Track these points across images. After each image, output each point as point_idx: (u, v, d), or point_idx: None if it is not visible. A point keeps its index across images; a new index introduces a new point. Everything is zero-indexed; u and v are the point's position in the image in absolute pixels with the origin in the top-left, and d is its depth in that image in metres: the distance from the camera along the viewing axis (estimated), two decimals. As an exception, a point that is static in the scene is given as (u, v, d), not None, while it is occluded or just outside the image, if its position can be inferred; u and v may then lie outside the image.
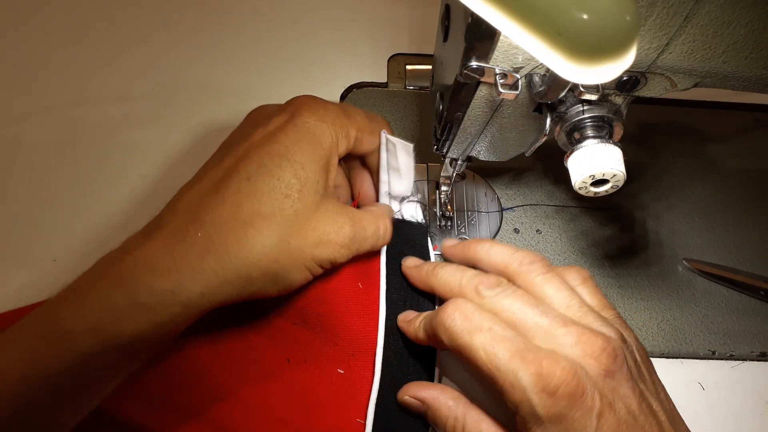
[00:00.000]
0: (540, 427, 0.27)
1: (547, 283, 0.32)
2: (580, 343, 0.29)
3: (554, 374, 0.27)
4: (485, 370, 0.29)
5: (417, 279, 0.37)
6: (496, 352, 0.29)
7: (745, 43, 0.27)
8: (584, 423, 0.27)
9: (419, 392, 0.34)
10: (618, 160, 0.30)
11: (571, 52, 0.18)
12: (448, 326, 0.31)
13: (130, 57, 0.52)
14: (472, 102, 0.32)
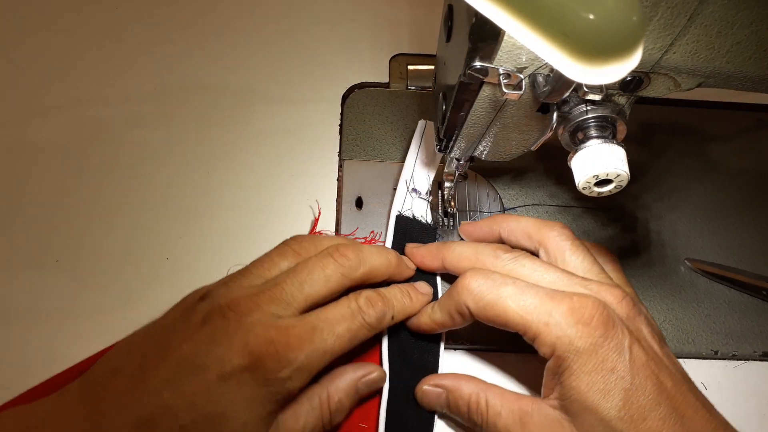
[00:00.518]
0: (578, 360, 0.29)
1: (574, 250, 0.34)
2: (602, 291, 0.31)
3: (586, 306, 0.29)
4: (517, 320, 0.30)
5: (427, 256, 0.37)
6: (525, 299, 0.30)
7: (749, 43, 0.27)
8: (618, 353, 0.29)
9: (438, 380, 0.34)
10: (622, 160, 0.30)
11: (577, 52, 0.18)
12: (473, 288, 0.31)
13: (132, 58, 0.52)
14: (476, 102, 0.32)
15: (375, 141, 0.48)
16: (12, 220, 0.43)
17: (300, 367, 0.29)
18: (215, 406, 0.28)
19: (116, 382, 0.29)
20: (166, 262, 0.42)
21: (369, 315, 0.32)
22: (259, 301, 0.30)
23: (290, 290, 0.31)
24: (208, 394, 0.28)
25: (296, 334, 0.29)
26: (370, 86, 0.52)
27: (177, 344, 0.29)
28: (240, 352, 0.28)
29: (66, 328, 0.39)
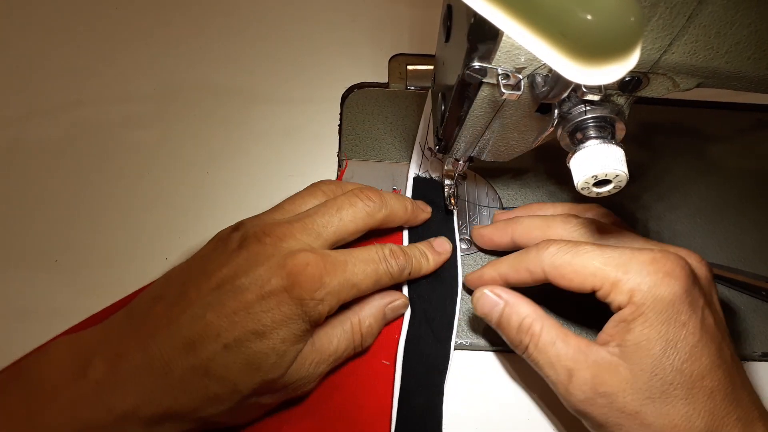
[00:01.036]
0: (655, 308, 0.29)
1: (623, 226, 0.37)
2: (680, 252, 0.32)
3: (668, 258, 0.30)
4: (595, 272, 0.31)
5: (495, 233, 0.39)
6: (604, 252, 0.31)
7: (748, 43, 0.27)
8: (693, 310, 0.30)
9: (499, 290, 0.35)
10: (621, 161, 0.30)
11: (575, 53, 0.18)
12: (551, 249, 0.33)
13: (131, 58, 0.52)
14: (474, 102, 0.32)
15: (374, 141, 0.48)
16: (11, 220, 0.43)
17: (332, 291, 0.31)
18: (256, 324, 0.29)
19: (159, 309, 0.30)
20: (166, 263, 0.42)
21: (392, 264, 0.35)
22: (293, 229, 0.32)
23: (321, 222, 0.33)
24: (248, 313, 0.29)
25: (331, 261, 0.31)
26: (370, 86, 0.52)
27: (216, 269, 0.31)
28: (278, 272, 0.30)
29: (62, 327, 0.38)
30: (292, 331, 0.30)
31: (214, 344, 0.29)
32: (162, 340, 0.29)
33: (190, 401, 0.29)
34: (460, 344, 0.39)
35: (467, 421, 0.37)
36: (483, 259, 0.43)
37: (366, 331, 0.35)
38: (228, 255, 0.31)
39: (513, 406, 0.38)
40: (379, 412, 0.35)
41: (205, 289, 0.30)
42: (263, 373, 0.30)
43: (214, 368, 0.29)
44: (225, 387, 0.29)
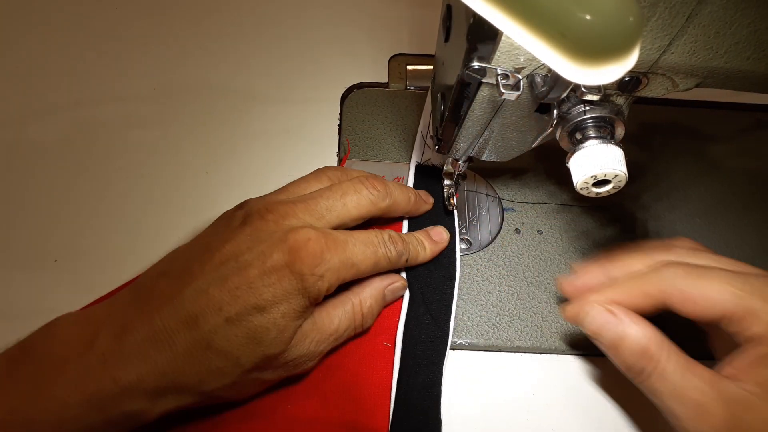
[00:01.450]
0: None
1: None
2: None
3: None
4: (727, 299, 0.29)
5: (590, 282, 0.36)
6: (737, 279, 0.29)
7: (747, 43, 0.27)
8: None
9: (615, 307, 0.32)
10: (620, 161, 0.30)
11: (574, 53, 0.18)
12: (677, 274, 0.31)
13: (131, 58, 0.52)
14: (474, 102, 0.32)
15: (374, 141, 0.48)
16: (11, 220, 0.43)
17: (332, 268, 0.31)
18: (257, 298, 0.29)
19: (163, 284, 0.31)
20: (165, 262, 0.42)
21: (390, 249, 0.35)
22: (296, 209, 0.33)
23: (324, 205, 0.34)
24: (250, 288, 0.30)
25: (332, 239, 0.32)
26: (369, 86, 0.52)
27: (219, 245, 0.31)
28: (280, 248, 0.30)
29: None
30: (292, 307, 0.30)
31: (216, 318, 0.29)
32: (166, 314, 0.29)
33: (193, 374, 0.29)
34: (460, 344, 0.39)
35: (466, 421, 0.37)
36: (482, 259, 0.43)
37: (367, 312, 0.35)
38: (231, 231, 0.32)
39: (512, 406, 0.38)
40: (380, 390, 0.36)
41: (209, 265, 0.31)
42: (264, 348, 0.30)
43: (217, 342, 0.29)
44: (227, 361, 0.29)
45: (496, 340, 0.40)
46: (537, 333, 0.40)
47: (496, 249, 0.44)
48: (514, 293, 0.42)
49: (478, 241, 0.44)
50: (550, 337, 0.40)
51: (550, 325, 0.40)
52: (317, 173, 0.38)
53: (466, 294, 0.41)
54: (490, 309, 0.41)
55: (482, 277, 0.42)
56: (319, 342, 0.33)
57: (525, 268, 0.43)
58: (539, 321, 0.41)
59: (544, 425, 0.37)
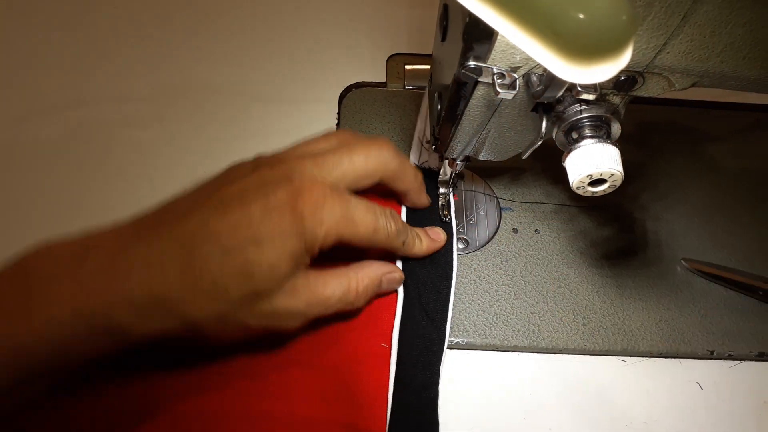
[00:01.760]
0: None
1: None
2: None
3: None
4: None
5: None
6: None
7: (743, 42, 0.27)
8: None
9: None
10: (615, 160, 0.30)
11: (567, 51, 0.18)
12: None
13: (130, 58, 0.52)
14: (471, 102, 0.32)
15: (372, 140, 0.48)
16: (9, 219, 0.43)
17: (333, 218, 0.31)
18: (255, 233, 0.30)
19: (166, 215, 0.32)
20: (163, 261, 0.42)
21: (391, 224, 0.35)
22: (304, 162, 0.33)
23: (332, 161, 0.34)
24: (250, 222, 0.30)
25: (336, 191, 0.32)
26: (368, 86, 0.52)
27: (226, 186, 0.32)
28: (286, 188, 0.31)
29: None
30: (287, 247, 0.31)
31: (212, 246, 0.30)
32: (165, 238, 0.30)
33: (182, 297, 0.29)
34: (457, 343, 0.39)
35: (463, 421, 0.37)
36: (480, 259, 0.43)
37: (362, 291, 0.35)
38: (240, 176, 0.33)
39: (509, 405, 0.38)
40: (378, 392, 0.36)
41: (214, 200, 0.31)
42: (254, 282, 0.30)
43: (209, 268, 0.29)
44: (216, 289, 0.30)
45: (493, 339, 0.40)
46: (534, 332, 0.40)
47: (494, 248, 0.44)
48: (512, 293, 0.42)
49: (475, 240, 0.44)
50: (547, 336, 0.40)
51: (547, 325, 0.40)
52: (327, 135, 0.37)
53: (463, 293, 0.41)
54: (487, 308, 0.41)
55: (479, 277, 0.42)
56: (309, 303, 0.33)
57: (522, 268, 0.43)
58: (536, 320, 0.41)
59: (540, 424, 0.37)
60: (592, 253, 0.44)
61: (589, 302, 0.42)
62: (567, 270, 0.43)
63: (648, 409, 0.39)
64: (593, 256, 0.44)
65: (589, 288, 0.42)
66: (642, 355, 0.40)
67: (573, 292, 0.42)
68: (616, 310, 0.42)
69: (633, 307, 0.42)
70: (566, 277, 0.43)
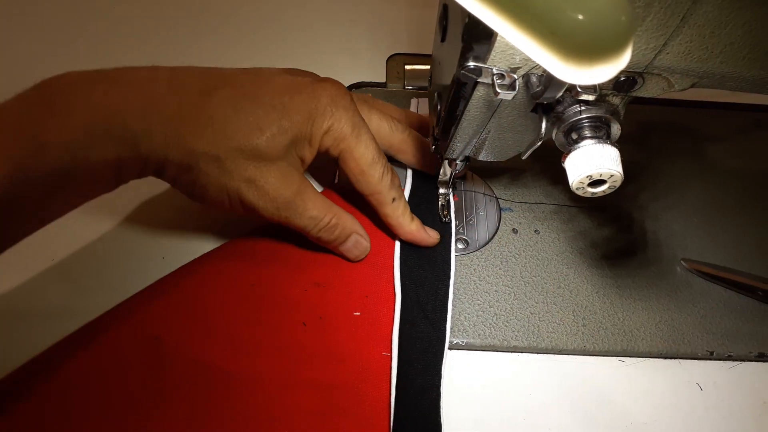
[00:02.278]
0: None
1: None
2: None
3: None
4: None
5: None
6: None
7: (742, 43, 0.27)
8: None
9: None
10: (615, 161, 0.30)
11: (566, 52, 0.18)
12: None
13: (129, 57, 0.52)
14: (470, 102, 0.32)
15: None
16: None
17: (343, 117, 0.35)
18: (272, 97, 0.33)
19: (195, 71, 0.34)
20: (162, 262, 0.42)
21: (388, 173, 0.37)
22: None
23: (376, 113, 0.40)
24: (272, 87, 0.34)
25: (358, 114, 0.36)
26: (368, 86, 0.52)
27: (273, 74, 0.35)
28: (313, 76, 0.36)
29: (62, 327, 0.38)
30: (294, 122, 0.33)
31: (227, 92, 0.33)
32: (185, 75, 0.33)
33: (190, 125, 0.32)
34: (456, 344, 0.39)
35: (463, 421, 0.37)
36: (480, 260, 0.43)
37: (330, 227, 0.37)
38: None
39: (508, 406, 0.38)
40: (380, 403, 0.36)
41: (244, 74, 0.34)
42: (260, 139, 0.33)
43: (223, 107, 0.32)
44: (224, 127, 0.32)
45: (492, 339, 0.40)
46: (534, 333, 0.40)
47: (494, 249, 0.44)
48: (511, 293, 0.42)
49: (475, 240, 0.44)
50: (546, 337, 0.40)
51: (547, 325, 0.40)
52: None
53: (463, 294, 0.41)
54: (487, 309, 0.41)
55: (479, 277, 0.42)
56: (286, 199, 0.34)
57: (522, 268, 0.43)
58: (536, 321, 0.41)
59: (540, 425, 0.37)
60: (592, 254, 0.44)
61: (588, 303, 0.42)
62: (567, 270, 0.43)
63: (647, 409, 0.39)
64: (593, 257, 0.44)
65: (589, 288, 0.42)
66: (641, 356, 0.40)
67: (573, 293, 0.42)
68: (616, 311, 0.42)
69: (632, 308, 0.42)
70: (566, 278, 0.43)
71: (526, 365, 0.40)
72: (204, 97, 0.32)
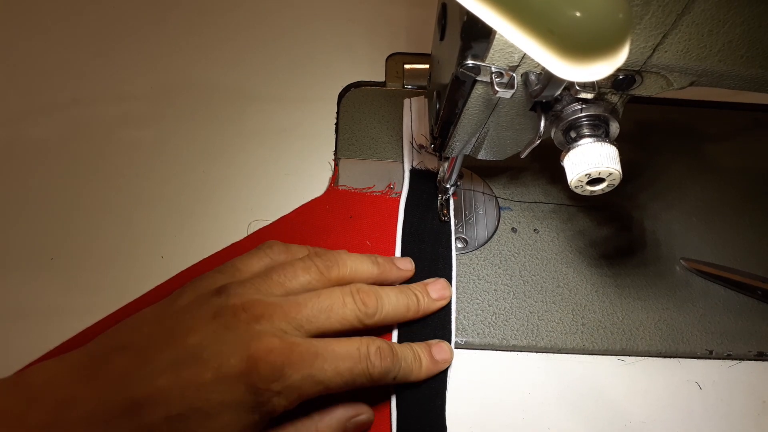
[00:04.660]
0: None
1: None
2: None
3: None
4: None
5: None
6: None
7: (740, 41, 0.27)
8: None
9: None
10: (613, 159, 0.30)
11: (563, 49, 0.18)
12: None
13: (128, 56, 0.52)
14: (469, 101, 0.32)
15: (371, 140, 0.48)
16: (7, 219, 0.43)
17: (292, 385, 0.29)
18: (203, 403, 0.28)
19: (118, 359, 0.30)
20: (161, 261, 0.42)
21: (375, 366, 0.32)
22: (273, 311, 0.31)
23: (306, 315, 0.31)
24: (199, 390, 0.28)
25: (299, 352, 0.30)
26: (367, 85, 0.52)
27: (184, 333, 0.30)
28: (240, 355, 0.29)
29: (60, 326, 0.38)
30: (238, 420, 0.29)
31: (158, 413, 0.28)
32: (111, 395, 0.29)
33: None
34: (456, 343, 0.39)
35: (462, 420, 0.37)
36: (479, 258, 0.43)
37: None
38: (200, 321, 0.31)
39: (507, 405, 0.38)
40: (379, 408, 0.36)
41: (167, 353, 0.29)
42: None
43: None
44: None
45: (492, 338, 0.40)
46: (533, 332, 0.40)
47: (493, 248, 0.44)
48: (510, 292, 0.42)
49: (474, 240, 0.44)
50: (545, 335, 0.40)
51: (546, 324, 0.40)
52: (307, 264, 0.35)
53: (462, 292, 0.41)
54: (486, 308, 0.41)
55: (478, 276, 0.42)
56: None
57: (521, 267, 0.43)
58: (535, 320, 0.41)
59: (539, 424, 0.37)
60: (591, 253, 0.44)
61: (587, 302, 0.42)
62: (566, 269, 0.43)
63: (647, 408, 0.39)
64: (592, 256, 0.44)
65: (588, 287, 0.42)
66: (641, 355, 0.40)
67: (572, 292, 0.42)
68: (615, 310, 0.42)
69: (632, 307, 0.42)
70: (565, 277, 0.43)
71: (525, 364, 0.40)
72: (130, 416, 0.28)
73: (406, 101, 0.49)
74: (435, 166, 0.45)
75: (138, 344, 0.30)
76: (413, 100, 0.49)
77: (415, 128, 0.47)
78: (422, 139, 0.47)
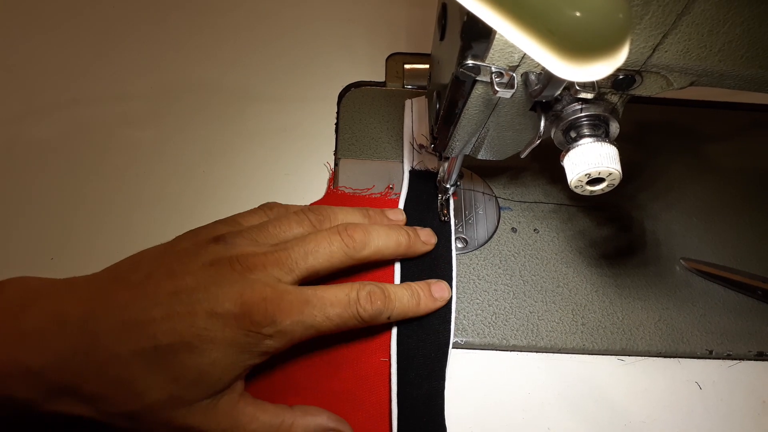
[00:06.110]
0: None
1: None
2: None
3: None
4: None
5: None
6: None
7: (740, 41, 0.27)
8: None
9: None
10: (613, 159, 0.30)
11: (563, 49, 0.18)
12: None
13: (128, 56, 0.52)
14: (469, 101, 0.32)
15: (371, 140, 0.48)
16: (7, 218, 0.43)
17: (282, 330, 0.30)
18: (194, 338, 0.29)
19: (116, 287, 0.31)
20: (162, 261, 0.42)
21: (364, 309, 0.33)
22: (266, 261, 0.32)
23: (295, 257, 0.33)
24: (191, 325, 0.29)
25: (289, 300, 0.31)
26: (367, 85, 0.52)
27: (181, 274, 0.31)
28: (234, 299, 0.30)
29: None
30: (228, 357, 0.30)
31: (146, 341, 0.29)
32: (103, 318, 0.29)
33: (99, 388, 0.29)
34: (455, 343, 0.39)
35: (461, 420, 0.37)
36: (479, 258, 0.43)
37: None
38: (198, 266, 0.31)
39: (507, 405, 0.38)
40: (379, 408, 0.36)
41: (163, 289, 0.30)
42: (178, 388, 0.29)
43: (135, 364, 0.29)
44: (135, 386, 0.29)
45: (491, 338, 0.40)
46: (533, 332, 0.40)
47: (493, 248, 0.44)
48: (510, 292, 0.42)
49: (474, 239, 0.44)
50: (545, 335, 0.40)
51: (546, 324, 0.40)
52: (300, 217, 0.36)
53: (462, 292, 0.41)
54: (486, 308, 0.41)
55: (478, 276, 0.42)
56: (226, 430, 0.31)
57: (521, 267, 0.43)
58: (535, 320, 0.41)
59: (539, 424, 0.37)
60: (591, 253, 0.44)
61: (587, 301, 0.42)
62: (566, 269, 0.43)
63: (646, 408, 0.39)
64: (592, 256, 0.44)
65: (588, 287, 0.42)
66: (641, 355, 0.40)
67: (572, 292, 0.42)
68: (615, 310, 0.42)
69: (632, 307, 0.42)
70: (565, 277, 0.43)
71: (525, 364, 0.40)
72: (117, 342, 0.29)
73: (408, 102, 0.49)
74: (435, 166, 0.45)
75: (136, 278, 0.31)
76: (414, 100, 0.49)
77: (416, 129, 0.47)
78: (422, 139, 0.47)
